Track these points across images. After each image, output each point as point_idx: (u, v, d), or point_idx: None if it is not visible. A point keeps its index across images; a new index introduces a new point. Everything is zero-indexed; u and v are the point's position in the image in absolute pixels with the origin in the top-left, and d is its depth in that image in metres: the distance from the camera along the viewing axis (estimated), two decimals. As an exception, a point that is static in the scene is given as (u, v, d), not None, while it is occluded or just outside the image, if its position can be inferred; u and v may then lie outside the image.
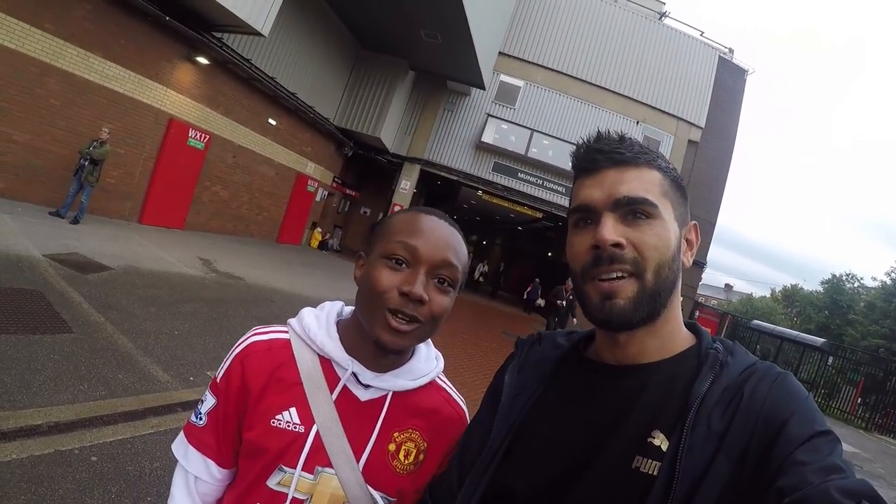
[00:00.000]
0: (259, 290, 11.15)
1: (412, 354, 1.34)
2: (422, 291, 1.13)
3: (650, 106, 24.71)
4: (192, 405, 5.09)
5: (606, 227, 0.98)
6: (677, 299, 1.05)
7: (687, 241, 1.07)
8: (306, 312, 1.32)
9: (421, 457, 1.28)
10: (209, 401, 1.25)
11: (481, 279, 33.47)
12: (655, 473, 0.87)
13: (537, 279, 25.60)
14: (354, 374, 1.23)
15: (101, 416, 4.37)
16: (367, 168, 26.25)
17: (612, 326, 1.01)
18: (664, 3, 27.57)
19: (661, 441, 0.90)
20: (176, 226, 14.75)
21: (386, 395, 1.26)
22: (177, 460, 1.27)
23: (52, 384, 4.58)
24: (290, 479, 1.16)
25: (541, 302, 23.27)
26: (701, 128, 24.96)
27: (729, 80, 26.15)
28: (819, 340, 27.52)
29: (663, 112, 24.78)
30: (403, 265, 1.16)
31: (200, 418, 1.25)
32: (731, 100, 26.53)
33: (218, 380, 1.25)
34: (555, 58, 24.35)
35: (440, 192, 29.90)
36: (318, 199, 22.74)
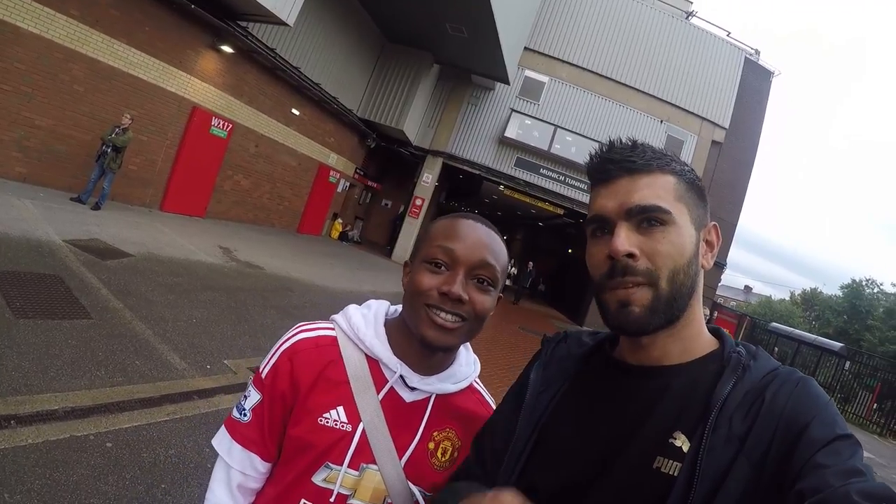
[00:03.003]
0: (278, 279, 11.17)
1: (454, 359, 1.38)
2: (460, 291, 1.17)
3: (675, 105, 24.51)
4: (209, 393, 5.19)
5: (619, 238, 0.99)
6: (698, 302, 1.05)
7: (707, 242, 1.06)
8: (353, 311, 1.35)
9: (455, 454, 1.33)
10: (254, 396, 1.27)
11: (507, 282, 29.53)
12: (676, 474, 0.87)
13: (531, 263, 25.59)
14: (401, 377, 1.26)
15: (118, 403, 4.39)
16: (389, 160, 26.30)
17: (627, 332, 1.03)
18: (692, 3, 27.30)
19: (682, 442, 0.91)
20: (197, 214, 14.81)
21: (429, 398, 1.31)
22: (218, 454, 1.28)
23: (69, 369, 4.61)
24: (336, 476, 1.20)
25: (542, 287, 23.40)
26: (725, 128, 24.75)
27: (754, 82, 25.94)
28: (837, 345, 27.36)
29: (688, 112, 24.57)
30: (443, 268, 1.20)
31: (245, 414, 1.27)
32: (756, 101, 26.37)
33: (263, 375, 1.27)
34: (580, 54, 24.18)
35: (462, 186, 29.87)
36: (339, 190, 22.74)
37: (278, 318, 8.48)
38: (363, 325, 1.30)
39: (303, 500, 1.20)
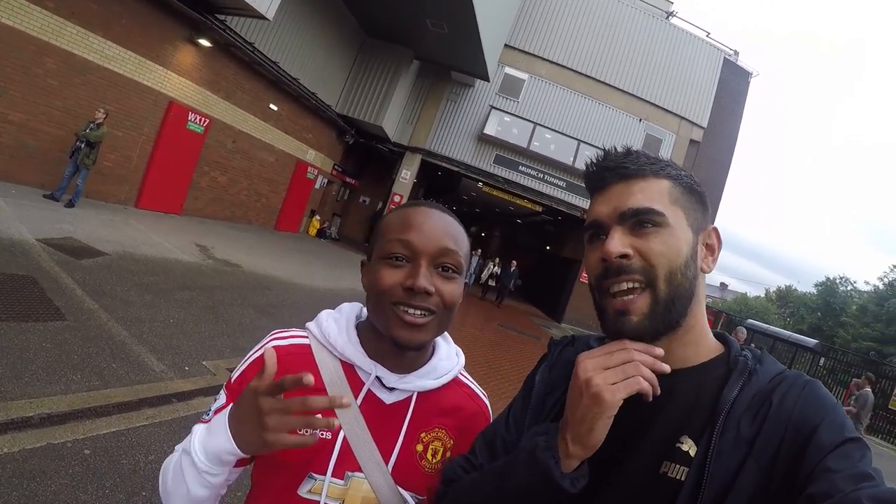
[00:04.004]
0: (256, 277, 11.07)
1: (433, 353, 1.34)
2: (426, 283, 1.12)
3: (653, 104, 24.90)
4: (188, 396, 5.13)
5: (612, 240, 1.00)
6: (700, 307, 1.04)
7: (707, 246, 1.05)
8: (325, 316, 1.30)
9: (448, 454, 1.29)
10: (220, 400, 1.23)
11: (490, 282, 25.79)
12: (683, 479, 0.88)
13: (514, 262, 25.19)
14: (378, 378, 1.22)
15: (95, 408, 4.31)
16: (367, 156, 26.25)
17: (636, 339, 1.00)
18: (672, 3, 27.60)
19: (689, 446, 0.91)
20: (173, 211, 14.58)
21: (411, 397, 1.26)
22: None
23: (44, 374, 4.51)
24: (321, 486, 1.16)
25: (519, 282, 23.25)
26: (703, 128, 25.24)
27: (733, 82, 26.50)
28: (811, 341, 28.66)
29: (666, 111, 24.99)
30: (403, 261, 1.16)
31: (209, 416, 1.22)
32: (735, 101, 26.96)
33: (233, 380, 1.24)
34: (560, 52, 24.39)
35: (441, 182, 29.95)
36: (317, 186, 22.63)
37: (257, 317, 8.40)
38: (335, 330, 1.26)
39: None
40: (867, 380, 12.10)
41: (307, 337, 1.27)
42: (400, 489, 1.20)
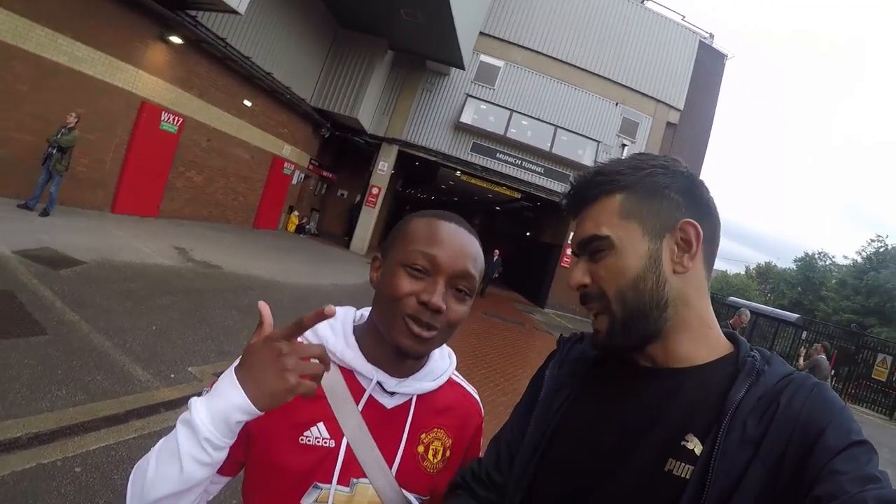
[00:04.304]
0: (237, 278, 10.99)
1: (429, 356, 1.35)
2: (441, 302, 1.12)
3: (630, 88, 25.13)
4: (175, 404, 5.07)
5: (572, 274, 1.08)
6: (690, 308, 1.02)
7: (683, 242, 1.02)
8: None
9: (447, 453, 1.31)
10: None
11: None
12: (688, 477, 0.88)
13: (497, 251, 24.70)
14: (379, 383, 1.22)
15: (82, 423, 4.24)
16: (344, 149, 26.19)
17: (602, 353, 1.12)
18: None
19: (694, 445, 0.91)
20: (150, 214, 14.38)
21: (410, 400, 1.27)
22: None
23: (28, 392, 4.41)
24: (327, 495, 1.15)
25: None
26: (679, 110, 25.62)
27: (708, 64, 26.88)
28: (793, 316, 29.23)
29: (643, 94, 25.26)
30: (423, 273, 1.15)
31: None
32: (710, 83, 27.38)
33: None
34: (535, 38, 24.44)
35: (418, 173, 29.94)
36: (294, 182, 22.49)
37: (240, 318, 8.31)
38: (332, 335, 1.25)
39: None
40: (823, 347, 12.77)
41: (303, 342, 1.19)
42: (404, 491, 1.21)
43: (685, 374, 1.00)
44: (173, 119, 14.02)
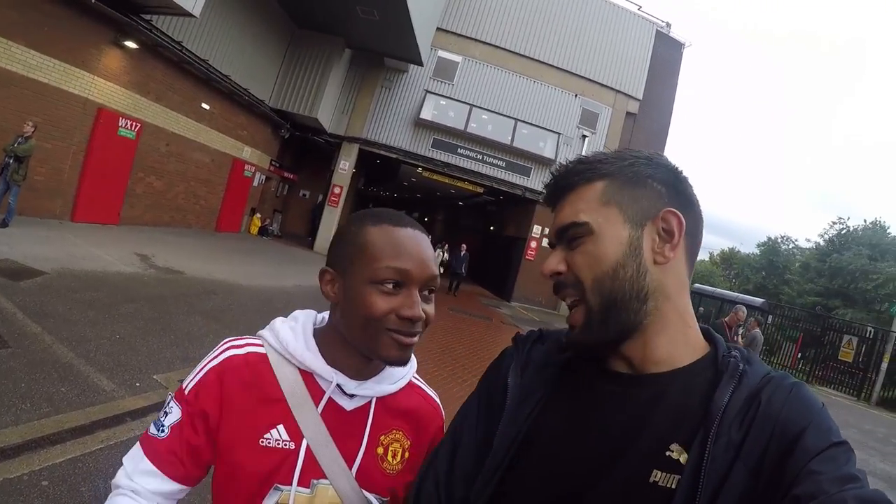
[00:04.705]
0: (200, 283, 10.91)
1: None
2: (420, 312, 1.14)
3: (588, 79, 25.28)
4: (141, 413, 5.00)
5: (546, 262, 1.05)
6: (670, 302, 1.00)
7: (664, 232, 0.99)
8: (280, 325, 1.29)
9: (406, 455, 1.32)
10: (175, 412, 1.20)
11: (441, 270, 25.71)
12: (674, 487, 0.85)
13: (464, 245, 24.10)
14: (338, 386, 1.23)
15: (48, 436, 4.16)
16: (304, 150, 26.09)
17: (577, 352, 1.08)
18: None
19: (679, 454, 0.88)
20: (110, 221, 14.17)
21: (370, 402, 1.28)
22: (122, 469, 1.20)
23: None
24: (287, 497, 1.16)
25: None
26: (638, 100, 25.82)
27: (666, 54, 27.01)
28: (758, 301, 29.06)
29: (602, 85, 25.42)
30: (396, 287, 1.15)
31: (163, 430, 1.19)
32: (669, 72, 27.53)
33: (186, 391, 1.21)
34: (493, 33, 24.51)
35: (380, 171, 29.91)
36: (255, 184, 22.35)
37: (205, 323, 8.26)
38: (292, 338, 1.25)
39: None
40: (756, 322, 12.94)
41: (262, 345, 1.27)
42: (364, 492, 1.22)
43: (667, 380, 0.97)
44: (131, 125, 13.84)
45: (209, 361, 1.23)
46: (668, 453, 0.89)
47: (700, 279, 53.28)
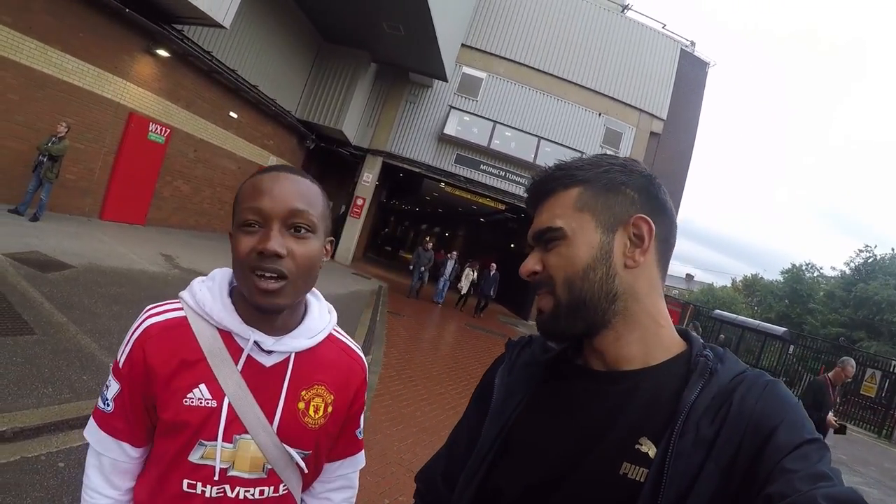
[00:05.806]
0: (222, 285, 10.94)
1: (305, 313, 1.39)
2: (275, 246, 1.15)
3: (612, 98, 24.93)
4: None
5: (524, 263, 1.10)
6: (641, 304, 1.04)
7: (635, 237, 1.04)
8: (198, 285, 1.33)
9: (329, 409, 1.36)
10: (114, 386, 1.27)
11: (471, 291, 22.45)
12: (643, 480, 0.88)
13: (494, 264, 23.04)
14: (256, 343, 1.27)
15: (67, 420, 4.28)
16: (328, 161, 25.95)
17: (544, 336, 1.13)
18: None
19: (648, 448, 0.91)
20: (137, 222, 14.47)
21: (289, 357, 1.31)
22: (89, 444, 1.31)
23: (15, 388, 4.46)
24: (213, 452, 1.23)
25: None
26: (663, 120, 25.30)
27: (691, 73, 26.50)
28: (780, 329, 27.88)
29: (625, 104, 25.03)
30: (256, 227, 1.18)
31: (108, 404, 1.27)
32: (693, 92, 26.93)
33: (120, 364, 1.27)
34: (517, 50, 24.42)
35: (403, 184, 29.82)
36: (279, 192, 22.26)
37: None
38: (209, 298, 1.28)
39: (185, 480, 1.24)
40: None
41: (182, 308, 1.30)
42: (286, 447, 1.28)
43: (638, 376, 1.01)
44: (160, 130, 14.16)
45: (132, 333, 1.28)
46: (637, 446, 0.92)
47: (721, 305, 51.02)
